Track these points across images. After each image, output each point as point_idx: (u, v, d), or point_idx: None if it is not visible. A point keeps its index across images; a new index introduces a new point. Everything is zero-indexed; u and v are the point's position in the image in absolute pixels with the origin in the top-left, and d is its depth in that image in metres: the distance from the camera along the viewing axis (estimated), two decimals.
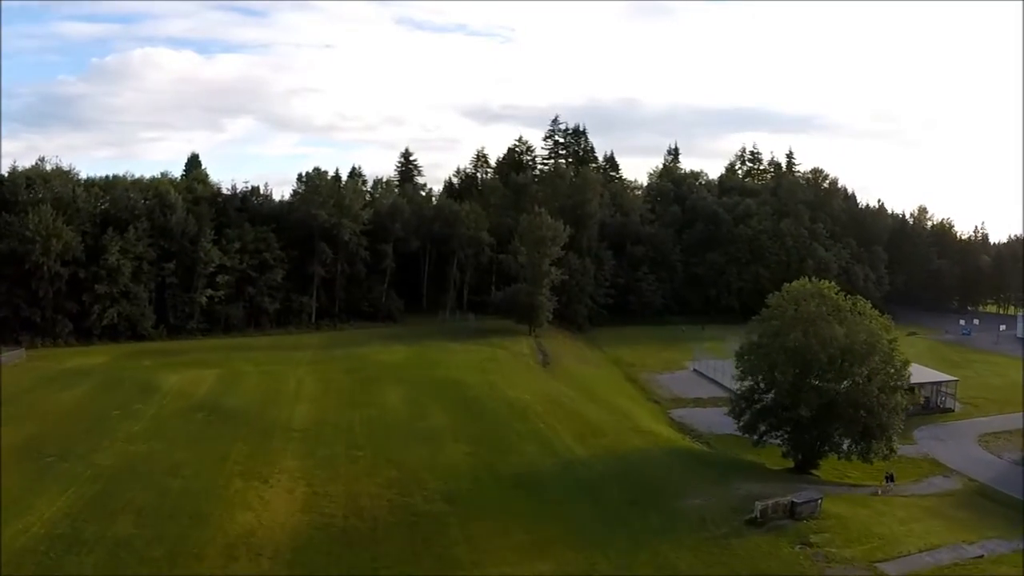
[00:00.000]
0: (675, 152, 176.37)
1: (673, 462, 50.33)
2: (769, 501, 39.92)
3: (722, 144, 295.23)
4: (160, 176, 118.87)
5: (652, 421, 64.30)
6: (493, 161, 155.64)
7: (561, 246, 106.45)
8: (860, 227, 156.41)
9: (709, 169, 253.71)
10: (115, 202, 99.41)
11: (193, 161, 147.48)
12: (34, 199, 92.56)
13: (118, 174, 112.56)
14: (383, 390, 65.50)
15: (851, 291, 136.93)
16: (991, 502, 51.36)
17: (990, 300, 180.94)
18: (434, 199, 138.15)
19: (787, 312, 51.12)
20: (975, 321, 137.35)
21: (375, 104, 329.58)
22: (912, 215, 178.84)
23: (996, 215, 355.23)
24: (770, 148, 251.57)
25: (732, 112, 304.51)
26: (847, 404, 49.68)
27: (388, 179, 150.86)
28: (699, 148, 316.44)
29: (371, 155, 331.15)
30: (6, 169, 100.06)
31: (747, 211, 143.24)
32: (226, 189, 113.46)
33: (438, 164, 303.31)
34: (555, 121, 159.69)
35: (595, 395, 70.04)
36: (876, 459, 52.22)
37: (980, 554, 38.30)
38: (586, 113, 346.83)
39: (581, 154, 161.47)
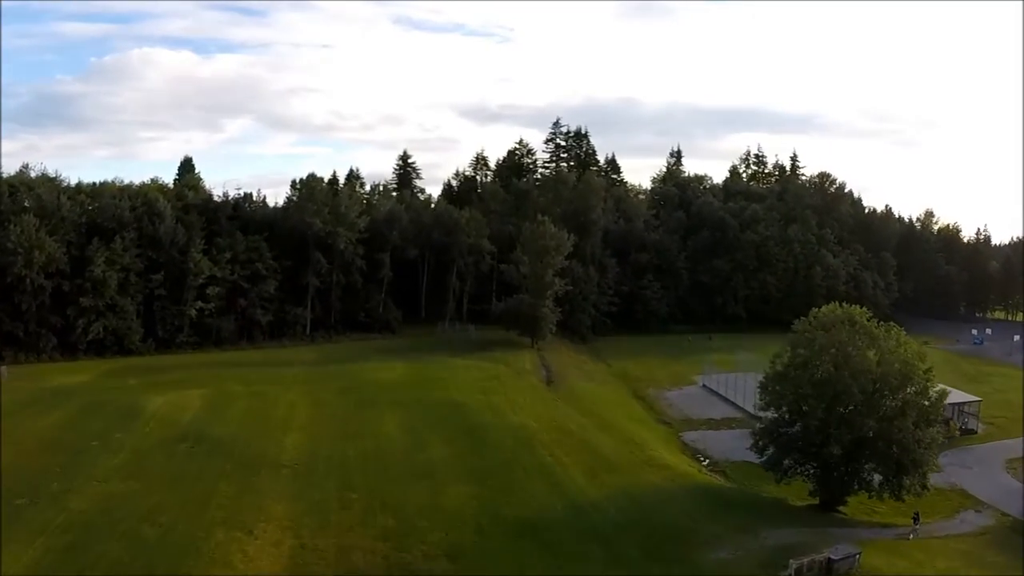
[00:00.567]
0: (677, 155, 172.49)
1: (693, 504, 46.59)
2: (804, 559, 36.32)
3: (722, 144, 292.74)
4: (150, 182, 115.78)
5: (665, 449, 60.63)
6: (493, 163, 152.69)
7: (565, 255, 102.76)
8: (868, 232, 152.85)
9: (710, 170, 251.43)
10: (102, 210, 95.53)
11: (186, 165, 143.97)
12: (17, 208, 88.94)
13: (107, 180, 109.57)
14: (379, 416, 61.74)
15: (859, 299, 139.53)
16: None
17: (998, 306, 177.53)
18: (433, 203, 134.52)
19: (816, 340, 47.30)
20: (987, 331, 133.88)
21: (373, 104, 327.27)
22: (919, 219, 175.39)
23: (994, 216, 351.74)
24: (773, 150, 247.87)
25: (731, 112, 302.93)
26: (880, 439, 46.08)
27: (385, 184, 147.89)
28: (699, 148, 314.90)
29: (369, 155, 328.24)
30: None
31: (753, 216, 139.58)
32: (218, 196, 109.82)
33: (436, 164, 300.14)
34: (556, 124, 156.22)
35: (603, 419, 66.31)
36: (909, 496, 48.66)
37: None
38: (584, 113, 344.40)
39: (583, 157, 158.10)
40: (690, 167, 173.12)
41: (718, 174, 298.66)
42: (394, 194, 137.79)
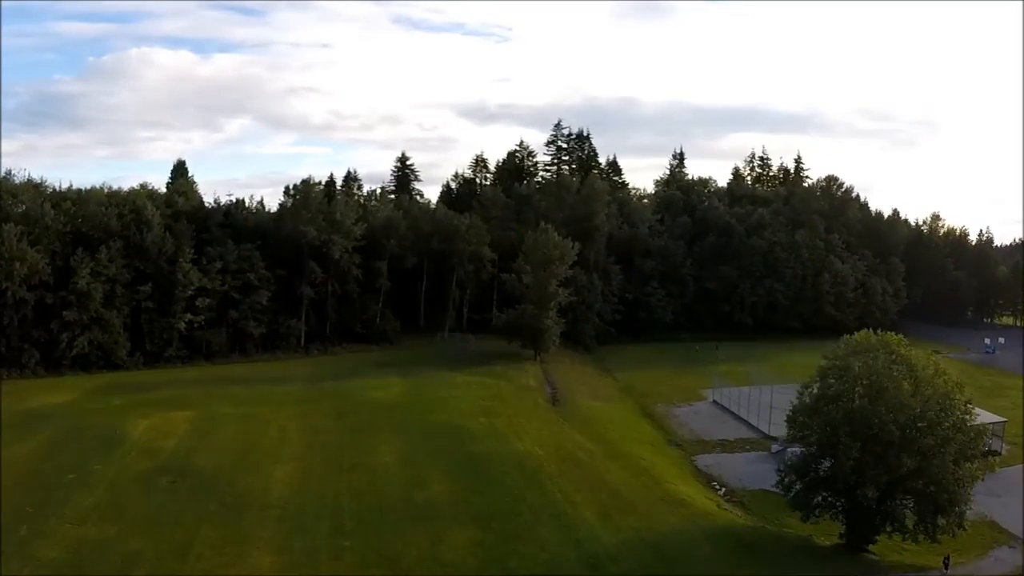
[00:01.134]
0: (680, 157, 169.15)
1: (716, 550, 42.99)
2: None
3: (721, 144, 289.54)
4: (139, 187, 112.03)
5: (679, 478, 57.03)
6: (492, 165, 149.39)
7: (569, 265, 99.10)
8: (875, 237, 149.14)
9: (710, 170, 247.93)
10: (87, 219, 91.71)
11: (179, 168, 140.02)
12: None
13: (95, 186, 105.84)
14: (375, 444, 58.09)
15: (868, 305, 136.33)
16: None
17: (1006, 311, 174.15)
18: (432, 207, 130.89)
19: (849, 370, 43.65)
20: (1000, 339, 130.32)
21: (372, 103, 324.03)
22: (925, 222, 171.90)
23: (993, 216, 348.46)
24: (773, 150, 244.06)
25: (730, 111, 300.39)
26: (917, 478, 42.54)
27: (383, 186, 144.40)
28: (698, 148, 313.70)
29: (368, 155, 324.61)
30: None
31: (760, 221, 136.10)
32: (209, 202, 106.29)
33: (435, 164, 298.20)
34: (558, 126, 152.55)
35: (613, 445, 62.66)
36: (944, 536, 45.16)
37: None
38: (584, 113, 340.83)
39: (584, 159, 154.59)
40: (690, 167, 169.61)
41: (718, 174, 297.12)
42: (391, 197, 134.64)
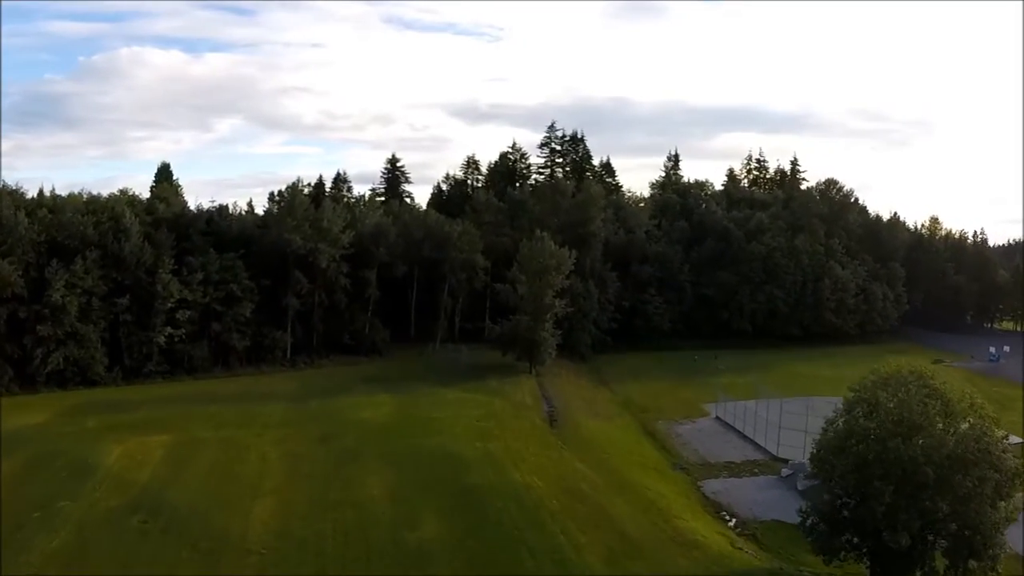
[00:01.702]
0: (675, 159, 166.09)
1: None
2: None
3: (714, 144, 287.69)
4: (119, 193, 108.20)
5: (687, 509, 53.58)
6: (484, 167, 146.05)
7: (566, 275, 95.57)
8: (875, 242, 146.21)
9: (704, 170, 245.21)
10: (63, 227, 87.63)
11: (163, 171, 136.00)
12: None
13: (75, 192, 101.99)
14: (363, 475, 54.35)
15: (869, 312, 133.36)
16: None
17: (1006, 316, 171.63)
18: (423, 209, 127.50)
19: (880, 405, 40.17)
20: (1005, 348, 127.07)
21: (363, 103, 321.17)
22: (923, 226, 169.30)
23: (988, 216, 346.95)
24: (764, 150, 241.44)
25: (723, 111, 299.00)
26: (952, 521, 39.13)
27: (373, 189, 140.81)
28: (691, 148, 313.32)
29: (360, 155, 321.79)
30: None
31: (759, 226, 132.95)
32: (194, 206, 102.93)
33: (427, 164, 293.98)
34: (551, 128, 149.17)
35: (617, 473, 59.09)
36: None
37: None
38: (575, 112, 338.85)
39: (579, 161, 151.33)
40: (684, 168, 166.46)
41: (712, 174, 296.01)
42: (380, 199, 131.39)
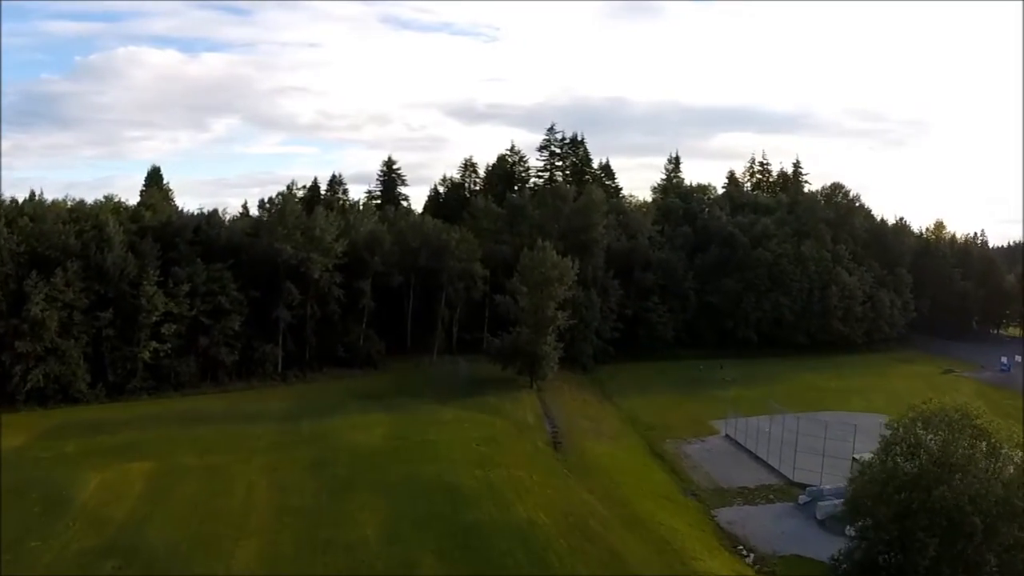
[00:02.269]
0: (676, 161, 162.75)
1: None
2: None
3: (712, 144, 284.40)
4: (105, 199, 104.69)
5: (704, 548, 50.04)
6: (482, 169, 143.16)
7: (568, 286, 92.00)
8: (882, 247, 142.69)
9: (701, 170, 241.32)
10: (43, 237, 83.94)
11: (154, 175, 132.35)
12: None
13: (59, 198, 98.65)
14: (355, 509, 50.63)
15: (876, 319, 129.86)
16: None
17: (1012, 322, 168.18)
18: (419, 211, 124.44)
19: (922, 448, 36.70)
20: (1017, 357, 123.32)
21: (360, 103, 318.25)
22: (929, 230, 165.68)
23: (986, 216, 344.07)
24: (760, 149, 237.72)
25: (720, 111, 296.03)
26: (998, 574, 35.75)
27: (369, 192, 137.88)
28: (688, 148, 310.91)
29: (356, 155, 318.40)
30: None
31: (764, 232, 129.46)
32: (189, 210, 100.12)
33: (424, 164, 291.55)
34: (551, 130, 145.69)
35: (627, 506, 55.47)
36: None
37: None
38: (572, 112, 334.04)
39: (578, 164, 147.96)
40: (684, 168, 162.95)
41: (709, 174, 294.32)
42: (376, 202, 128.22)
